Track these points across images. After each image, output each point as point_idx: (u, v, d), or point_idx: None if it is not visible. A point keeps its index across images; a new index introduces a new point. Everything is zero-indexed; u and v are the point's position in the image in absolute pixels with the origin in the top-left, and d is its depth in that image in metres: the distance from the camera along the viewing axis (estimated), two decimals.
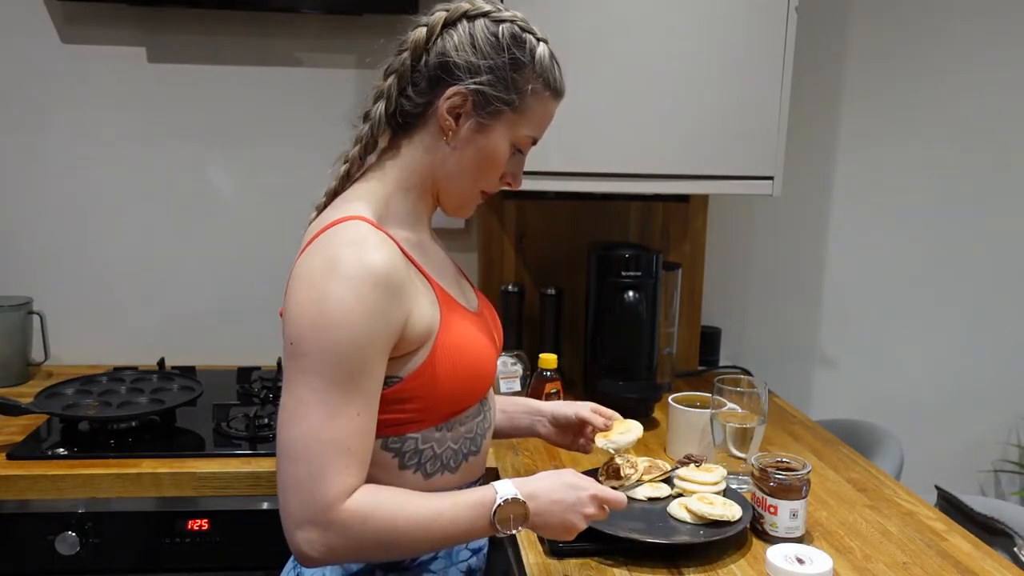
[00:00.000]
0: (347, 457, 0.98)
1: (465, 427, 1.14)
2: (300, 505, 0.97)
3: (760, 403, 1.45)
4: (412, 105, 1.11)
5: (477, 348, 1.14)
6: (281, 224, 2.08)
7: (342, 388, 0.98)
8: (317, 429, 0.97)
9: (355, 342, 0.98)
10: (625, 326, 1.82)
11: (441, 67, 1.08)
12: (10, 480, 1.47)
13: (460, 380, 1.10)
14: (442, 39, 1.09)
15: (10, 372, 1.90)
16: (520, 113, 1.11)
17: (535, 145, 1.17)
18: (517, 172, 1.18)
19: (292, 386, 0.99)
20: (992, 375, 2.39)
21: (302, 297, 1.00)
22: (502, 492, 1.04)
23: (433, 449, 1.11)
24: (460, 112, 1.09)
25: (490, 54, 1.08)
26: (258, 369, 2.00)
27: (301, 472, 0.97)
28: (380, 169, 1.14)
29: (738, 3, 1.71)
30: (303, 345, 0.98)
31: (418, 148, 1.12)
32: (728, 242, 2.25)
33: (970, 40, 2.24)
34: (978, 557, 1.27)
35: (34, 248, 2.03)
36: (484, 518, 1.03)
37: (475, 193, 1.16)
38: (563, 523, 1.07)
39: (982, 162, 2.30)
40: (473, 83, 1.07)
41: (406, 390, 1.06)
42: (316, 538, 0.97)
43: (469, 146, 1.11)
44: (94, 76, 1.98)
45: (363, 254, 1.00)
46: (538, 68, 1.10)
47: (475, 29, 1.08)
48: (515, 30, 1.09)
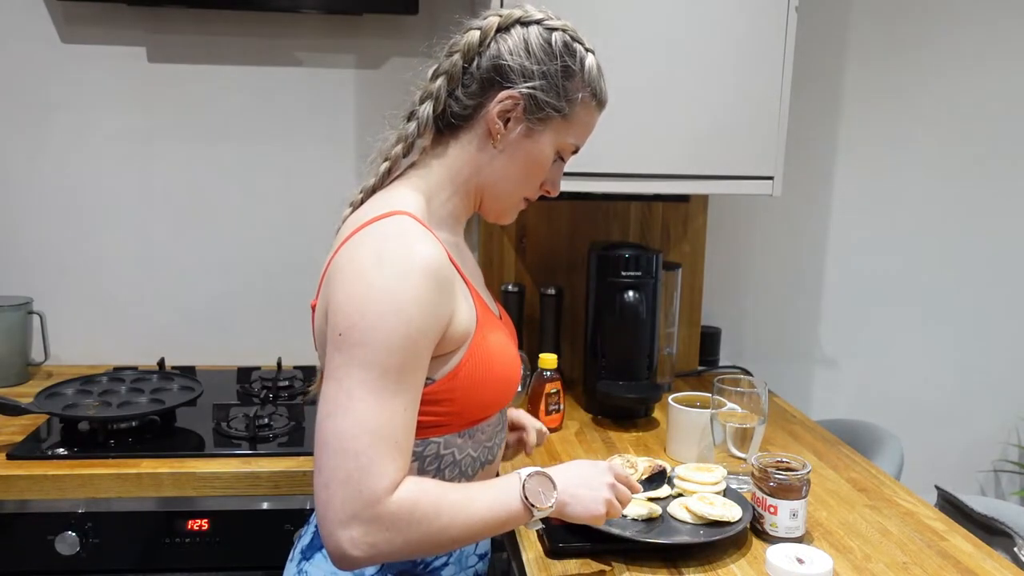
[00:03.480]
0: (396, 450, 0.96)
1: (485, 435, 1.15)
2: (347, 500, 0.94)
3: (760, 403, 1.45)
4: (461, 107, 1.11)
5: (508, 356, 1.15)
6: (281, 224, 2.08)
7: (392, 380, 0.97)
8: (367, 421, 0.95)
9: (408, 334, 0.97)
10: (625, 326, 1.82)
11: (495, 70, 1.09)
12: (10, 480, 1.47)
13: (490, 386, 1.11)
14: (496, 43, 1.09)
15: (10, 372, 1.91)
16: (568, 120, 1.12)
17: (576, 154, 1.18)
18: (556, 180, 1.19)
19: (340, 377, 0.97)
20: (992, 375, 2.39)
21: (352, 289, 0.98)
22: (526, 471, 1.06)
23: (454, 455, 1.11)
24: (510, 116, 1.10)
25: (543, 60, 1.09)
26: (258, 369, 2.00)
27: (349, 465, 0.94)
28: (425, 168, 1.14)
29: (738, 3, 1.71)
30: (353, 335, 0.96)
31: (465, 150, 1.12)
32: (728, 242, 2.25)
33: (970, 40, 2.24)
34: (978, 557, 1.27)
35: (34, 248, 2.03)
36: (515, 496, 1.03)
37: (518, 199, 1.17)
38: (590, 491, 1.09)
39: (982, 162, 2.30)
40: (526, 87, 1.08)
41: (437, 392, 1.05)
42: (360, 535, 0.94)
43: (517, 150, 1.12)
44: (94, 76, 1.98)
45: (414, 247, 1.00)
46: (587, 77, 1.12)
47: (529, 35, 1.09)
48: (567, 39, 1.11)
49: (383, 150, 1.16)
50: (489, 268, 2.05)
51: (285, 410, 1.77)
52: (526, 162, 1.13)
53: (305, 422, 1.72)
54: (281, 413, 1.76)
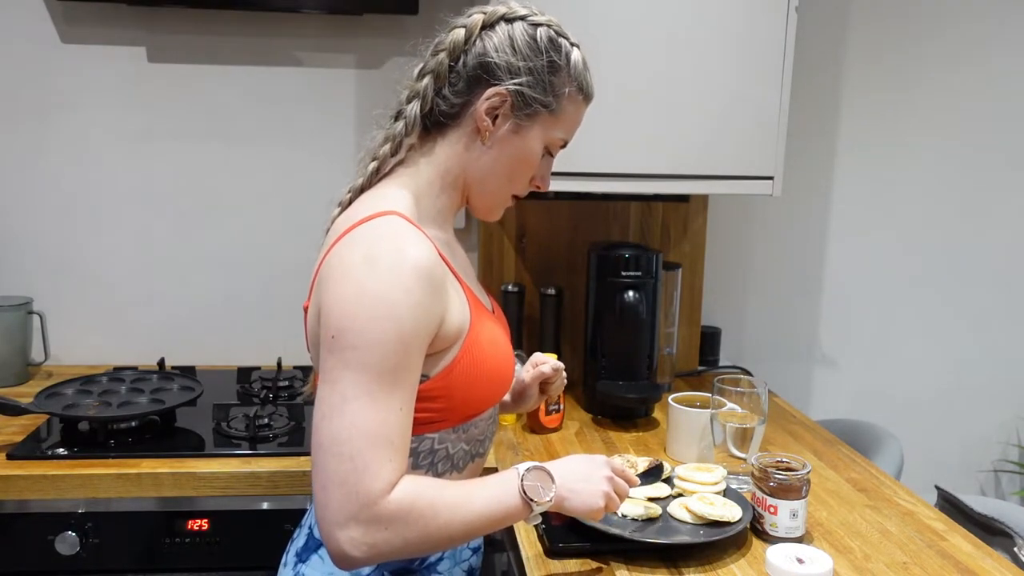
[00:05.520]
0: (391, 451, 0.96)
1: (479, 429, 1.15)
2: (344, 501, 0.94)
3: (760, 403, 1.45)
4: (448, 105, 1.11)
5: (502, 352, 1.15)
6: (281, 224, 2.08)
7: (387, 381, 0.97)
8: (361, 423, 0.95)
9: (400, 335, 0.97)
10: (625, 326, 1.82)
11: (481, 67, 1.09)
12: (10, 480, 1.47)
13: (484, 382, 1.11)
14: (481, 40, 1.09)
15: (10, 372, 1.91)
16: (555, 116, 1.12)
17: (564, 148, 1.18)
18: (546, 174, 1.19)
19: (333, 379, 0.97)
20: (992, 375, 2.39)
21: (344, 291, 0.98)
22: (524, 465, 1.06)
23: (447, 450, 1.11)
24: (498, 113, 1.10)
25: (529, 56, 1.09)
26: (258, 369, 2.01)
27: (345, 467, 0.94)
28: (413, 166, 1.14)
29: (738, 3, 1.71)
30: (347, 338, 0.96)
31: (453, 147, 1.13)
32: (728, 242, 2.25)
33: (971, 38, 2.24)
34: (978, 557, 1.27)
35: (34, 248, 2.03)
36: (513, 491, 1.03)
37: (507, 195, 1.17)
38: (588, 485, 1.09)
39: (982, 161, 2.30)
40: (513, 84, 1.08)
41: (432, 389, 1.06)
42: (359, 536, 0.95)
43: (505, 147, 1.12)
44: (94, 76, 1.98)
45: (405, 248, 1.00)
46: (573, 72, 1.12)
47: (514, 31, 1.09)
48: (552, 34, 1.11)
49: (371, 149, 1.16)
50: (489, 268, 2.05)
51: (285, 410, 1.77)
52: (514, 158, 1.13)
53: (305, 422, 1.72)
54: (281, 413, 1.76)
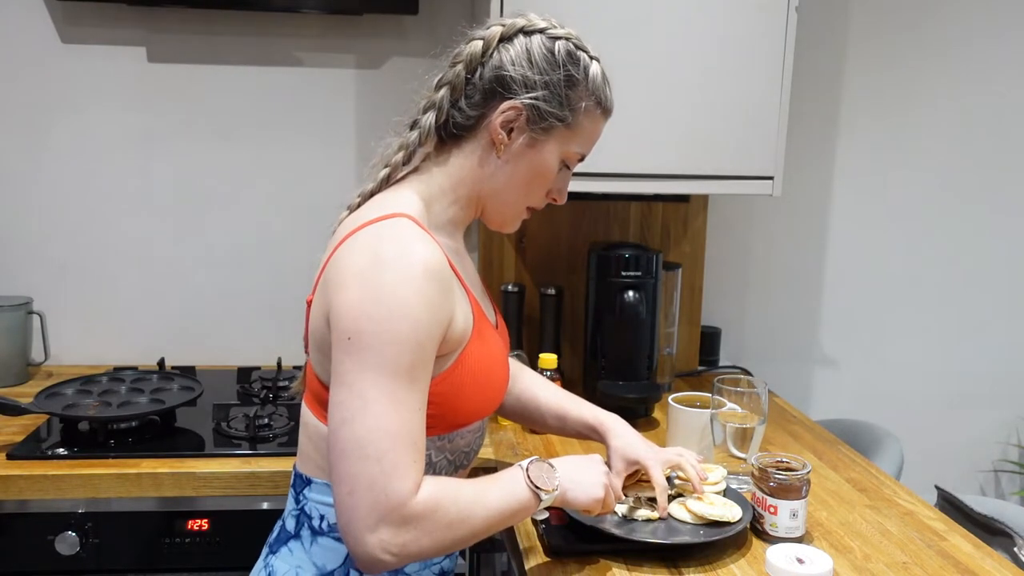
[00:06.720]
0: (414, 451, 0.96)
1: (464, 440, 1.15)
2: (374, 505, 0.94)
3: (760, 403, 1.45)
4: (464, 117, 1.11)
5: (498, 366, 1.15)
6: (281, 223, 2.08)
7: (405, 381, 0.96)
8: (385, 425, 0.95)
9: (416, 334, 0.97)
10: (625, 326, 1.82)
11: (497, 80, 1.09)
12: (10, 480, 1.47)
13: (477, 393, 1.11)
14: (498, 53, 1.09)
15: (10, 372, 1.91)
16: (572, 130, 1.12)
17: (582, 162, 1.18)
18: (563, 188, 1.19)
19: (351, 381, 0.96)
20: (992, 375, 2.39)
21: (356, 292, 0.98)
22: (524, 461, 1.08)
23: (430, 458, 1.11)
24: (513, 126, 1.10)
25: (546, 70, 1.09)
26: (258, 369, 2.01)
27: (372, 470, 0.94)
28: (426, 174, 1.14)
29: (738, 3, 1.71)
30: (363, 339, 0.96)
31: (468, 159, 1.12)
32: (728, 242, 2.25)
33: (970, 40, 2.24)
34: (978, 557, 1.27)
35: (34, 248, 2.03)
36: (521, 483, 1.06)
37: (522, 208, 1.17)
38: (589, 476, 1.13)
39: (982, 161, 2.30)
40: (528, 98, 1.08)
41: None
42: (389, 538, 0.94)
43: (520, 160, 1.11)
44: (94, 76, 1.98)
45: (413, 248, 1.00)
46: (591, 86, 1.12)
47: (532, 45, 1.09)
48: (570, 47, 1.10)
49: (385, 156, 1.16)
50: (489, 268, 2.05)
51: (285, 410, 1.77)
52: (530, 172, 1.12)
53: None
54: (281, 413, 1.76)
